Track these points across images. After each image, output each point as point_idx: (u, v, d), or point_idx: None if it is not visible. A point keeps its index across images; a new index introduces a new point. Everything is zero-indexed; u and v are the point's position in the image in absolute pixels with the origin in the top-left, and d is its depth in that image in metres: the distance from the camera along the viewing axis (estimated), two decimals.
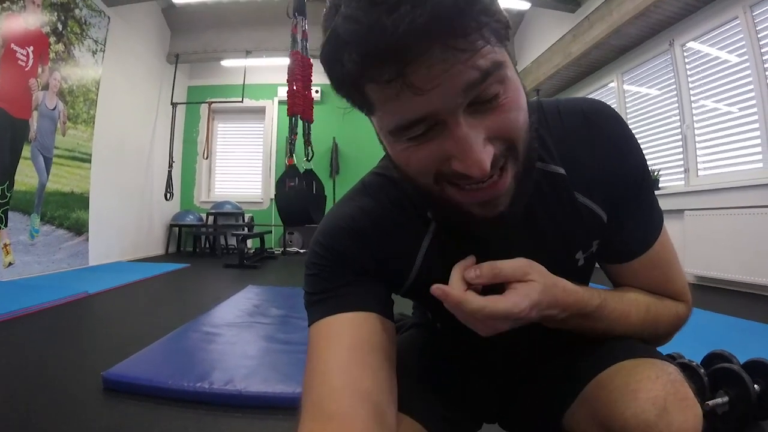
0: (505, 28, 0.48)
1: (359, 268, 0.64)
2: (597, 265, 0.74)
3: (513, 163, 0.52)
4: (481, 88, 0.46)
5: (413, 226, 0.66)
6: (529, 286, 0.56)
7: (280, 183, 4.99)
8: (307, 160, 5.28)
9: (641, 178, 0.66)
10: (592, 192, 0.65)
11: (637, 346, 0.64)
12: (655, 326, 0.68)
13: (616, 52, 5.35)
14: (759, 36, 3.73)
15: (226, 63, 7.53)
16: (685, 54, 4.54)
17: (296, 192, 4.89)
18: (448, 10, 0.41)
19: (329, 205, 6.98)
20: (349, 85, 0.49)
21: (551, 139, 0.64)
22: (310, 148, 5.32)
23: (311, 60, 5.12)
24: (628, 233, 0.67)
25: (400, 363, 0.64)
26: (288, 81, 4.94)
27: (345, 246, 0.64)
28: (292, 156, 5.02)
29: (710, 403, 1.25)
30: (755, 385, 1.26)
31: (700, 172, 4.41)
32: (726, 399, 1.26)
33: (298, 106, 4.89)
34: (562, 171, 0.64)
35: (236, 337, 2.26)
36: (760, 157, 3.78)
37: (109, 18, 5.41)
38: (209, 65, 7.78)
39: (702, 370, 1.30)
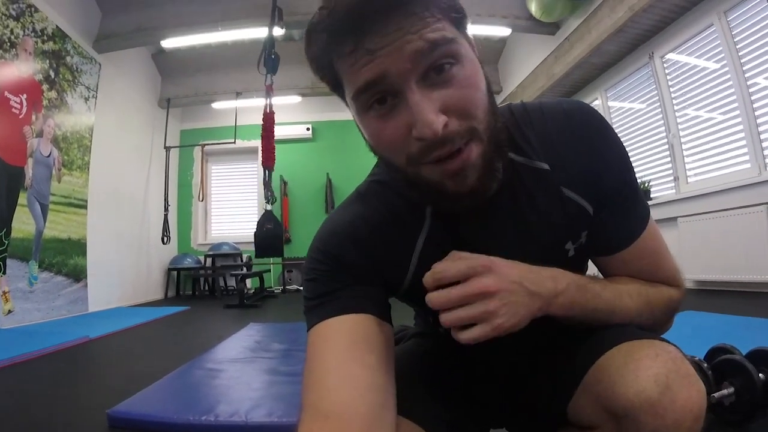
0: (460, 15, 0.57)
1: (356, 272, 0.66)
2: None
3: (477, 143, 0.56)
4: (432, 59, 0.52)
5: (407, 229, 0.69)
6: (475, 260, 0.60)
7: (260, 225, 5.73)
8: (269, 203, 5.77)
9: (623, 171, 0.68)
10: (576, 186, 0.68)
11: (635, 330, 0.65)
12: (650, 308, 0.69)
13: (598, 69, 5.49)
14: (735, 40, 3.85)
15: (217, 105, 7.63)
16: (665, 65, 4.67)
17: (273, 232, 5.71)
18: (403, 3, 0.50)
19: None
20: (323, 65, 0.58)
21: (535, 137, 0.67)
22: (270, 192, 5.74)
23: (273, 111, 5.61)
24: (614, 225, 0.69)
25: (402, 369, 0.66)
26: (263, 136, 5.53)
27: (341, 251, 0.66)
28: (268, 202, 5.71)
29: (716, 395, 1.24)
30: (760, 374, 1.25)
31: (690, 179, 4.48)
32: (732, 390, 1.24)
33: (272, 159, 5.59)
34: (546, 167, 0.67)
35: (240, 371, 2.22)
36: (746, 158, 3.86)
37: (100, 65, 5.52)
38: (200, 108, 7.90)
39: (705, 364, 1.29)
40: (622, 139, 0.70)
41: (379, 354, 0.61)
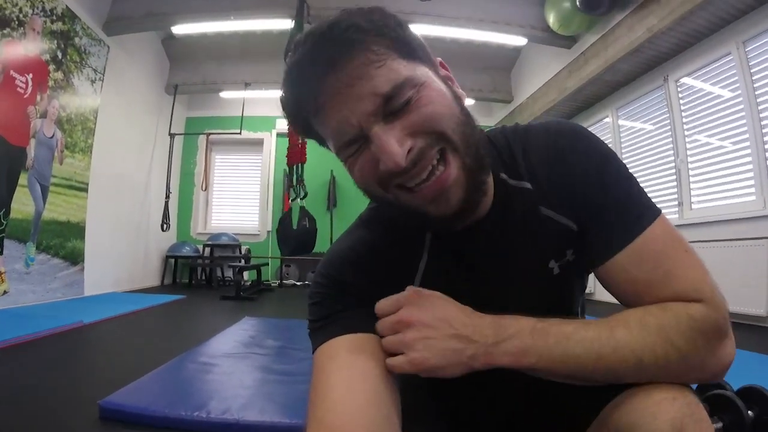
0: (413, 46, 0.61)
1: (359, 294, 0.67)
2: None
3: (454, 154, 0.59)
4: (390, 102, 0.57)
5: (408, 252, 0.71)
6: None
7: (285, 221, 5.62)
8: (301, 198, 5.63)
9: (602, 181, 0.65)
10: (554, 204, 0.68)
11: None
12: (665, 336, 0.58)
13: (610, 87, 5.46)
14: (752, 71, 3.82)
15: (224, 95, 7.59)
16: (679, 89, 4.64)
17: (306, 229, 5.59)
18: (341, 55, 0.55)
19: (325, 238, 7.15)
20: (302, 127, 0.65)
21: (521, 157, 0.70)
22: (301, 187, 5.62)
23: None
24: (602, 231, 0.65)
25: (405, 382, 0.66)
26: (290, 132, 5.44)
27: (345, 275, 0.69)
28: (297, 198, 5.64)
29: None
30: (749, 411, 1.25)
31: (694, 206, 4.46)
32: (720, 425, 1.24)
33: (304, 154, 5.54)
34: (528, 186, 0.69)
35: (233, 367, 2.23)
36: (752, 190, 3.84)
37: (108, 47, 5.48)
38: (208, 96, 7.86)
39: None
40: (629, 160, 0.69)
41: (382, 370, 0.62)
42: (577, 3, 4.71)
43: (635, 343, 0.58)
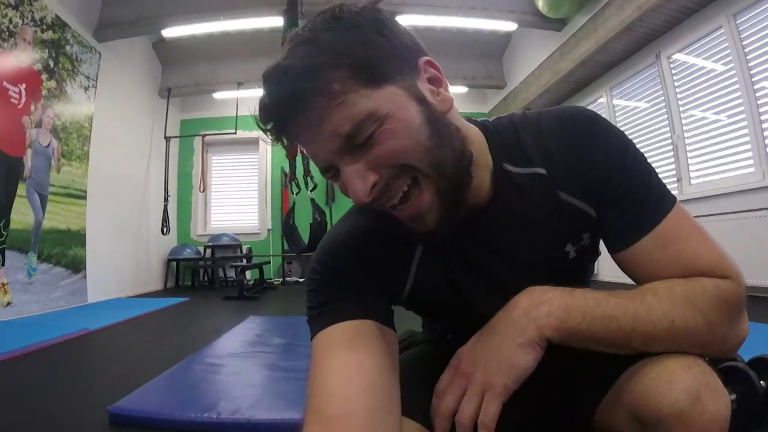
0: (379, 67, 0.57)
1: (355, 281, 0.68)
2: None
3: (426, 180, 0.59)
4: (352, 139, 0.56)
5: (404, 240, 0.70)
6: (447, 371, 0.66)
7: (289, 218, 5.45)
8: (311, 190, 5.42)
9: (621, 165, 0.66)
10: (572, 188, 0.68)
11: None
12: (692, 303, 0.60)
13: (603, 67, 5.45)
14: (744, 44, 3.82)
15: (218, 95, 7.58)
16: (672, 66, 4.63)
17: (318, 223, 5.34)
18: (300, 104, 0.56)
19: (323, 233, 7.06)
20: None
21: (532, 144, 0.69)
22: (310, 178, 5.40)
23: None
24: (625, 217, 0.66)
25: (410, 372, 0.68)
26: None
27: (342, 261, 0.69)
28: (307, 190, 5.38)
29: None
30: (761, 381, 1.25)
31: (693, 181, 4.46)
32: (734, 397, 1.22)
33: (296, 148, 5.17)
34: (543, 171, 0.69)
35: (240, 366, 2.23)
36: (751, 162, 3.85)
37: (99, 54, 5.45)
38: (201, 98, 7.84)
39: None
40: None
41: (380, 357, 0.62)
42: None
43: (667, 308, 0.60)
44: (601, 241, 0.75)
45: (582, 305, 0.60)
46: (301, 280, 7.68)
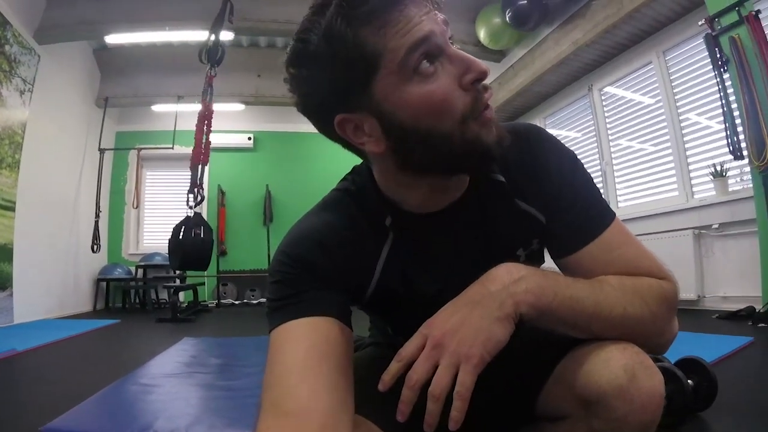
0: None
1: (321, 276, 0.68)
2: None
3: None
4: (449, 32, 0.61)
5: (372, 237, 0.73)
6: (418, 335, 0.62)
7: (182, 231, 5.12)
8: (197, 203, 5.26)
9: (567, 176, 0.73)
10: (527, 197, 0.74)
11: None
12: (640, 296, 0.66)
13: (539, 98, 5.75)
14: (671, 78, 4.17)
15: (157, 108, 7.31)
16: (603, 98, 4.98)
17: (200, 240, 5.09)
18: None
19: (261, 254, 7.13)
20: (355, 44, 0.58)
21: None
22: (199, 191, 5.25)
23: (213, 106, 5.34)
24: (573, 222, 0.72)
25: (361, 372, 0.67)
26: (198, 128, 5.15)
27: (309, 255, 0.68)
28: (197, 204, 5.20)
29: None
30: (689, 380, 1.37)
31: (620, 204, 4.78)
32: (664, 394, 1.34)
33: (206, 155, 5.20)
34: (501, 179, 0.74)
35: (177, 386, 2.14)
36: (675, 186, 4.19)
37: (39, 56, 5.17)
38: (139, 110, 7.53)
39: None
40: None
41: (339, 356, 0.63)
42: (507, 19, 4.94)
43: (620, 296, 0.65)
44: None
45: (553, 285, 0.63)
46: (236, 302, 7.46)
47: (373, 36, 0.58)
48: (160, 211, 8.03)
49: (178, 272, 7.17)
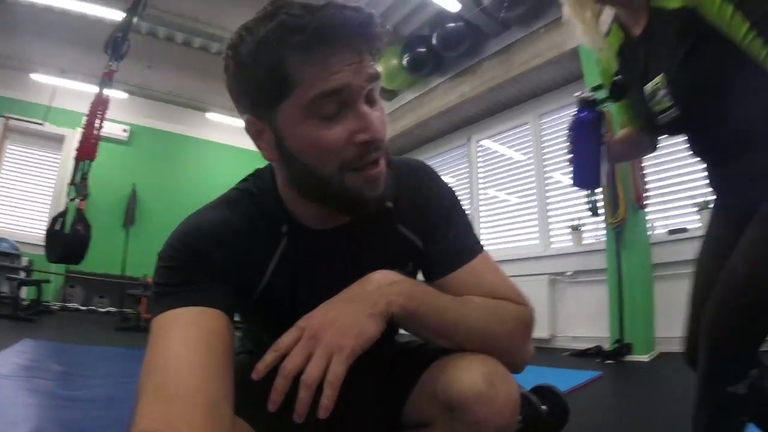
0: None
1: (214, 269, 0.69)
2: None
3: (384, 158, 0.69)
4: (374, 87, 0.66)
5: (267, 240, 0.75)
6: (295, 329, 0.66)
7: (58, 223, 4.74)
8: (81, 199, 4.95)
9: (446, 209, 0.83)
10: (409, 224, 0.81)
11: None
12: (499, 316, 0.74)
13: (420, 141, 6.14)
14: (543, 139, 4.75)
15: (36, 77, 6.50)
16: (479, 149, 5.47)
17: (80, 236, 4.77)
18: (371, 24, 0.63)
19: (116, 258, 6.70)
20: (280, 68, 0.63)
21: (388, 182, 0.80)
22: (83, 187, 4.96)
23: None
24: (446, 249, 0.80)
25: (236, 375, 0.68)
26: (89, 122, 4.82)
27: (204, 246, 0.70)
28: (83, 199, 4.89)
29: None
30: (543, 406, 1.51)
31: (485, 247, 5.20)
32: (519, 418, 1.44)
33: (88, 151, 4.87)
34: (390, 205, 0.80)
35: (13, 391, 2.00)
36: (537, 235, 4.75)
37: None
38: (13, 74, 6.57)
39: None
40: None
41: (224, 348, 0.64)
42: (404, 62, 5.22)
43: (483, 313, 0.73)
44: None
45: (422, 293, 0.71)
46: (83, 307, 6.69)
47: (296, 66, 0.62)
48: (17, 192, 7.04)
49: (24, 264, 6.48)
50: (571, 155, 1.21)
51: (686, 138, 1.15)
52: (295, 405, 0.60)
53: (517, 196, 5.01)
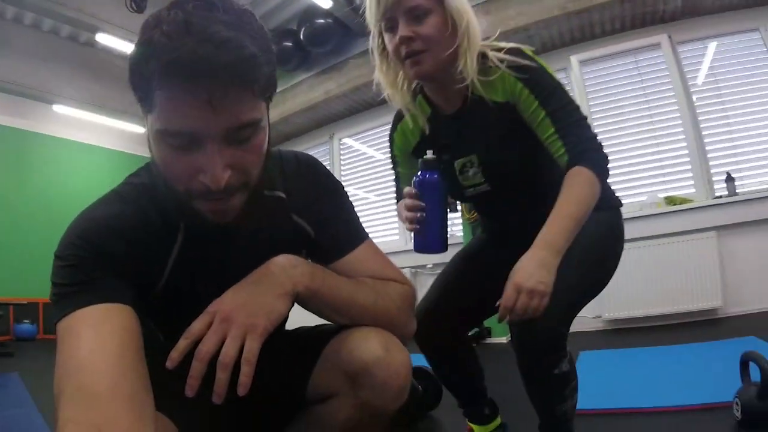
0: (274, 88, 0.68)
1: (116, 265, 0.68)
2: None
3: (242, 194, 0.67)
4: (237, 133, 0.62)
5: (164, 235, 0.75)
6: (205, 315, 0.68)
7: None
8: None
9: (337, 200, 0.90)
10: (301, 213, 0.86)
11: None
12: (387, 294, 0.83)
13: (282, 137, 6.00)
14: None
15: None
16: (341, 147, 5.56)
17: None
18: (239, 66, 0.58)
19: None
20: (145, 83, 0.60)
21: (277, 174, 0.84)
22: None
23: None
24: (337, 235, 0.87)
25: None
26: None
27: (104, 242, 0.68)
28: None
29: None
30: (419, 386, 1.71)
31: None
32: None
33: None
34: (282, 195, 0.84)
35: None
36: (396, 231, 4.97)
37: None
38: None
39: None
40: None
41: (137, 344, 0.64)
42: None
43: (373, 292, 0.81)
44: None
45: (322, 275, 0.77)
46: None
47: (154, 90, 0.59)
48: None
49: None
50: (421, 216, 1.13)
51: (489, 209, 1.35)
52: (211, 389, 0.61)
53: (377, 195, 5.21)
